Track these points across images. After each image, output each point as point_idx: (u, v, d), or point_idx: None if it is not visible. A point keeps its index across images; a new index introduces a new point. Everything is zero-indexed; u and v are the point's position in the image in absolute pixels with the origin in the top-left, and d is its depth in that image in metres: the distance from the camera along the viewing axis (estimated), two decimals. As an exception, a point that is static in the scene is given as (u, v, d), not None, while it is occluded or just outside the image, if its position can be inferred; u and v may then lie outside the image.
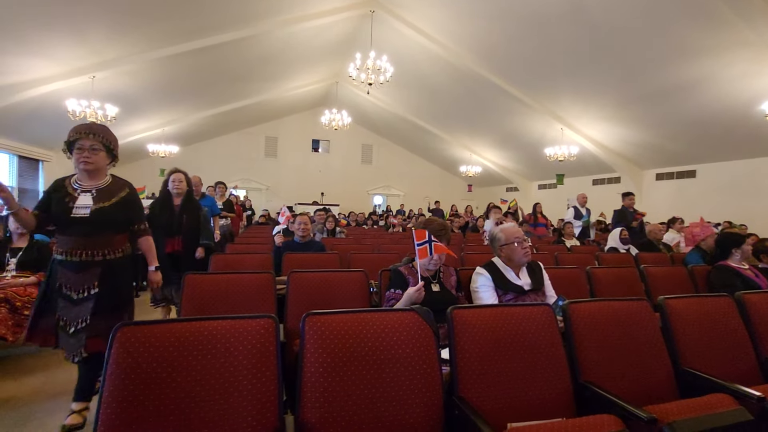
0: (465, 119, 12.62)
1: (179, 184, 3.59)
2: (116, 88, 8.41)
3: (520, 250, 2.24)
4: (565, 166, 11.58)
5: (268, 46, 8.95)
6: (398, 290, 2.09)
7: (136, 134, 11.52)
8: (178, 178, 3.60)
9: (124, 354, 1.18)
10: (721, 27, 5.70)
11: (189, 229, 3.51)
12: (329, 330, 1.36)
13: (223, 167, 14.90)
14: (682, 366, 1.73)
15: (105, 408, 1.14)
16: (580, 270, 2.98)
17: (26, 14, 5.65)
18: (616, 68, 7.48)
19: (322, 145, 17.46)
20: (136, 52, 7.46)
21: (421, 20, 8.59)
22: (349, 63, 7.79)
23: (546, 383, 1.50)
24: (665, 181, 10.80)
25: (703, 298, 2.01)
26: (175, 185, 3.58)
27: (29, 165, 10.27)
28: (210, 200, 4.88)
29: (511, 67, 8.88)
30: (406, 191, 18.11)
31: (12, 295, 2.91)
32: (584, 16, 6.46)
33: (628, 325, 1.72)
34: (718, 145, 8.83)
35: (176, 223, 3.46)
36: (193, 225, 3.53)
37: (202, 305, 2.17)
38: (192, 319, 1.31)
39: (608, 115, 9.26)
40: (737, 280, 2.98)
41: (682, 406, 1.35)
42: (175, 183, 3.58)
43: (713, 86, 7.00)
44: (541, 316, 1.62)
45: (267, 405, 1.24)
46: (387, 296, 2.13)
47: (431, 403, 1.36)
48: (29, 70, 6.95)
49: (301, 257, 3.29)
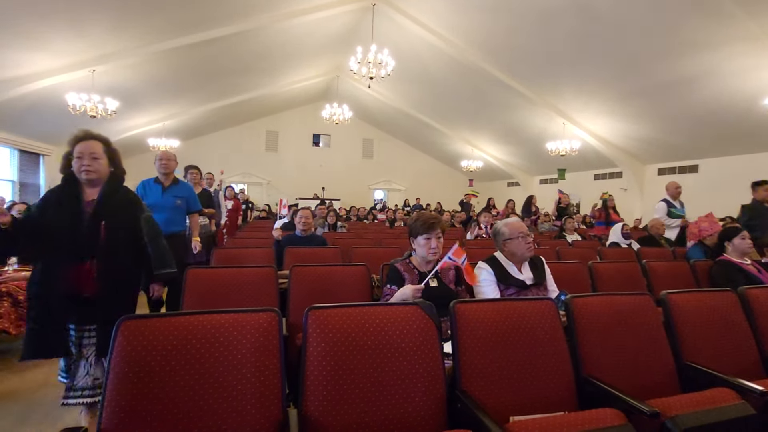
0: (466, 113, 12.57)
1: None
2: (116, 82, 8.37)
3: (524, 245, 2.23)
4: (567, 161, 11.55)
5: (269, 40, 8.90)
6: (394, 286, 2.09)
7: (136, 128, 11.49)
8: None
9: (127, 347, 1.19)
10: (725, 20, 5.65)
11: (112, 247, 1.91)
12: (332, 324, 1.36)
13: (223, 161, 14.86)
14: (685, 360, 1.73)
15: (109, 400, 1.14)
16: (582, 265, 2.97)
17: (26, 8, 5.61)
18: (619, 62, 7.43)
19: (323, 140, 17.41)
20: (137, 45, 7.41)
21: (422, 13, 8.52)
22: (350, 57, 7.73)
23: (548, 377, 1.51)
24: (667, 176, 10.75)
25: (706, 293, 2.01)
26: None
27: (30, 159, 10.26)
28: (187, 189, 3.63)
29: (513, 61, 8.82)
30: (407, 186, 18.09)
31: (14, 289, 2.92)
32: (587, 9, 6.40)
33: (630, 319, 1.71)
34: (721, 139, 8.79)
35: (86, 234, 1.87)
36: (120, 239, 1.95)
37: (204, 299, 2.17)
38: (195, 313, 1.30)
39: (610, 109, 9.21)
40: (739, 275, 2.97)
41: (684, 400, 1.36)
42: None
43: (716, 80, 6.95)
44: (543, 311, 1.62)
45: (271, 398, 1.25)
46: (384, 292, 2.13)
47: (434, 396, 1.37)
48: (29, 64, 6.92)
49: (303, 251, 3.30)
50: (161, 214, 3.00)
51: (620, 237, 4.87)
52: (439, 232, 2.13)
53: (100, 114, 8.05)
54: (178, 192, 3.45)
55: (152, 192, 3.34)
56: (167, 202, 3.34)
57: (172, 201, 3.37)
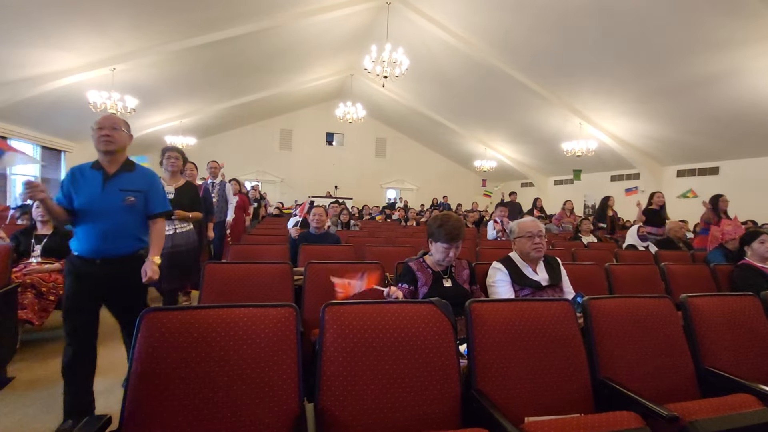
0: (480, 113, 12.48)
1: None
2: (136, 80, 8.55)
3: (529, 245, 2.21)
4: (583, 162, 11.38)
5: (284, 39, 8.97)
6: (405, 285, 2.10)
7: (154, 126, 11.72)
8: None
9: (150, 338, 1.22)
10: (749, 18, 5.50)
11: None
12: (348, 320, 1.38)
13: (238, 159, 15.06)
14: (705, 365, 1.70)
15: (132, 390, 1.18)
16: (598, 267, 2.94)
17: (50, 8, 5.76)
18: (638, 61, 7.28)
19: (336, 138, 17.49)
20: (156, 44, 7.56)
21: (438, 12, 8.50)
22: (364, 55, 7.75)
23: (564, 378, 1.49)
24: (686, 177, 10.53)
25: (727, 297, 1.96)
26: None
27: (52, 155, 10.54)
28: (148, 178, 2.21)
29: (530, 60, 8.73)
30: (419, 185, 18.06)
31: (38, 281, 3.01)
32: (607, 8, 6.30)
33: (649, 322, 1.69)
34: (743, 141, 8.57)
35: None
36: None
37: (222, 293, 2.21)
38: (215, 306, 1.33)
39: (629, 109, 9.05)
40: (761, 279, 2.90)
41: (704, 405, 1.34)
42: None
43: (739, 80, 6.77)
44: (560, 311, 1.60)
45: (288, 392, 1.27)
46: None
47: (449, 394, 1.37)
48: (52, 63, 7.10)
49: (318, 249, 3.32)
50: (102, 221, 1.98)
51: (637, 239, 4.79)
52: (459, 243, 2.12)
53: (120, 111, 8.23)
54: (131, 182, 2.09)
55: (87, 184, 2.02)
56: (110, 199, 2.02)
57: (118, 198, 2.03)
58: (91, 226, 1.99)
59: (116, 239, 2.04)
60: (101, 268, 2.01)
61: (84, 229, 2.01)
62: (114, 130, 2.03)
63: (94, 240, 1.99)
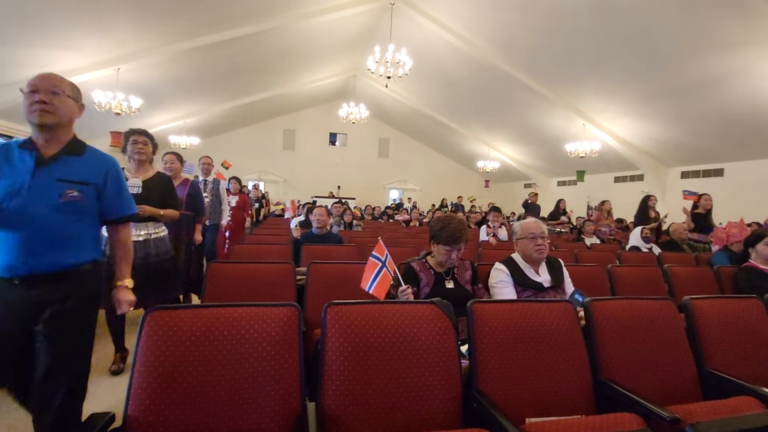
0: (484, 114, 12.46)
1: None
2: (140, 80, 8.58)
3: (532, 246, 2.21)
4: (586, 163, 11.34)
5: (287, 39, 8.99)
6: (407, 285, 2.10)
7: (158, 125, 11.75)
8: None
9: (153, 336, 1.23)
10: (754, 19, 5.47)
11: None
12: (350, 320, 1.38)
13: (241, 159, 15.08)
14: (707, 367, 1.70)
15: (135, 387, 1.19)
16: (601, 268, 2.93)
17: (54, 8, 5.80)
18: (642, 61, 7.25)
19: (340, 139, 17.50)
20: (160, 44, 7.59)
21: (441, 13, 8.49)
22: (367, 56, 7.76)
23: (566, 379, 1.50)
24: (691, 179, 10.46)
25: (730, 299, 1.96)
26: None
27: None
28: (104, 165, 1.58)
29: (533, 61, 8.71)
30: (422, 186, 18.05)
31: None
32: (610, 6, 6.27)
33: (651, 324, 1.69)
34: (748, 142, 8.51)
35: None
36: None
37: (224, 293, 2.22)
38: (218, 305, 1.34)
39: (633, 110, 9.01)
40: (765, 282, 2.88)
41: (706, 407, 1.34)
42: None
43: (744, 81, 6.73)
44: (561, 313, 1.60)
45: (290, 391, 1.27)
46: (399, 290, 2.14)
47: (450, 394, 1.37)
48: (57, 63, 7.13)
49: (320, 249, 3.33)
50: (27, 224, 1.35)
51: (640, 241, 4.77)
52: (462, 245, 2.12)
53: (125, 111, 8.28)
54: (76, 171, 1.47)
55: (10, 169, 1.39)
56: (42, 192, 1.38)
57: (54, 191, 1.40)
58: (9, 230, 1.33)
59: (48, 250, 1.37)
60: (22, 291, 1.35)
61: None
62: (54, 95, 1.41)
63: (13, 250, 1.33)
